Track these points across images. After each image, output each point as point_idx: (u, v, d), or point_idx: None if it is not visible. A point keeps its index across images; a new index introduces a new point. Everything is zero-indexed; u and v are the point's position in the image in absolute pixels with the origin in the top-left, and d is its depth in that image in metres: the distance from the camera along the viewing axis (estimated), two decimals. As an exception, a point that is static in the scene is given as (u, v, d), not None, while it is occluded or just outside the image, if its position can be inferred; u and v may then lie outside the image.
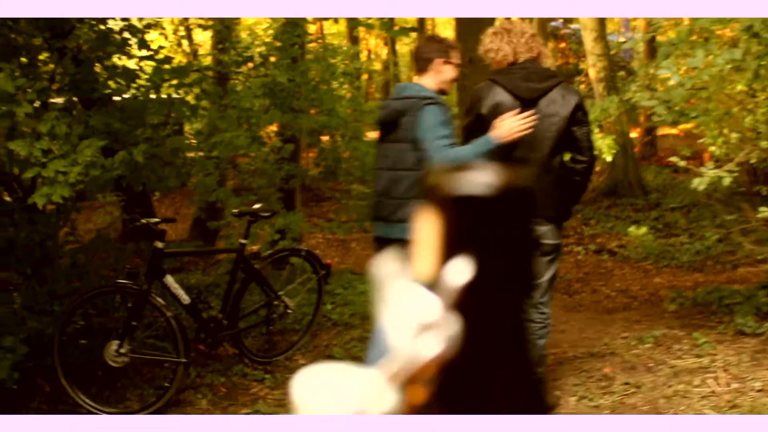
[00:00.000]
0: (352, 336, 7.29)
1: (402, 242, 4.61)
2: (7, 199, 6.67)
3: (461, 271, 1.43)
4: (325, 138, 9.43)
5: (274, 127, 9.75)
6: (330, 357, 6.87)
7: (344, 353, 6.92)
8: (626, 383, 5.94)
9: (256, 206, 6.94)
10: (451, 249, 1.46)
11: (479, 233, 1.45)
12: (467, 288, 1.45)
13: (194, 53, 10.60)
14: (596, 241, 12.34)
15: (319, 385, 1.52)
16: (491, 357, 1.51)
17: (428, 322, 1.39)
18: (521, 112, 5.15)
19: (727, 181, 6.14)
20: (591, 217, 13.74)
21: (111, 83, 6.75)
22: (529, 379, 1.58)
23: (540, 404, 1.59)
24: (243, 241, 6.71)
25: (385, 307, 1.46)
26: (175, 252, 7.10)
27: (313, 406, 1.50)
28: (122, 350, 5.95)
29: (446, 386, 1.47)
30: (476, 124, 5.34)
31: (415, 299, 1.43)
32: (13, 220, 6.42)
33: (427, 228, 1.56)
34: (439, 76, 5.35)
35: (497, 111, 5.21)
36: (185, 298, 6.32)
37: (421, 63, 5.41)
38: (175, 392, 6.00)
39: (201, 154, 7.68)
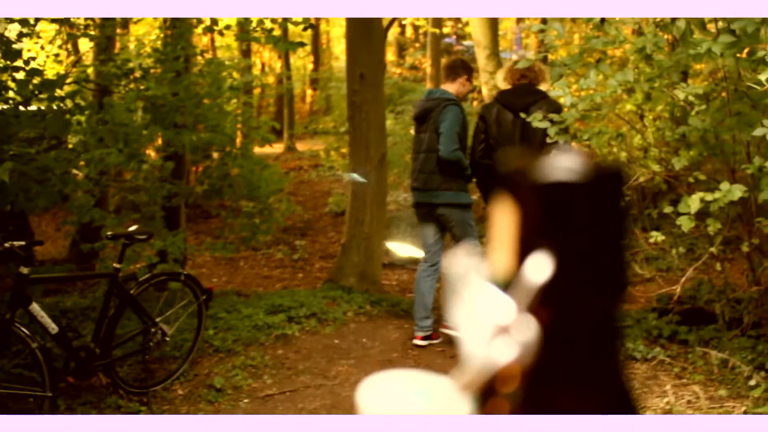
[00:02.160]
0: (234, 363, 6.97)
1: (434, 206, 7.47)
2: None
3: (541, 267, 1.20)
4: (215, 155, 9.12)
5: (158, 143, 9.40)
6: (211, 386, 6.55)
7: (225, 382, 6.61)
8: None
9: (132, 228, 6.57)
10: (530, 243, 1.25)
11: (563, 225, 1.22)
12: (548, 287, 1.21)
13: (74, 64, 10.11)
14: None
15: (385, 395, 1.38)
16: (576, 367, 1.27)
17: (503, 326, 1.19)
18: (514, 119, 7.06)
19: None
20: (482, 234, 13.68)
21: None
22: (619, 395, 1.36)
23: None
24: (117, 265, 6.32)
25: (458, 309, 1.25)
26: (42, 278, 6.66)
27: (378, 413, 1.34)
28: (-19, 384, 5.53)
29: (527, 399, 1.24)
30: (484, 128, 7.32)
31: (488, 300, 1.22)
32: None
33: (503, 220, 1.31)
34: (461, 87, 7.51)
35: (498, 117, 7.22)
36: (53, 327, 5.92)
37: (450, 74, 7.53)
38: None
39: (77, 172, 7.28)
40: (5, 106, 6.51)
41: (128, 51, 8.81)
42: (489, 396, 1.28)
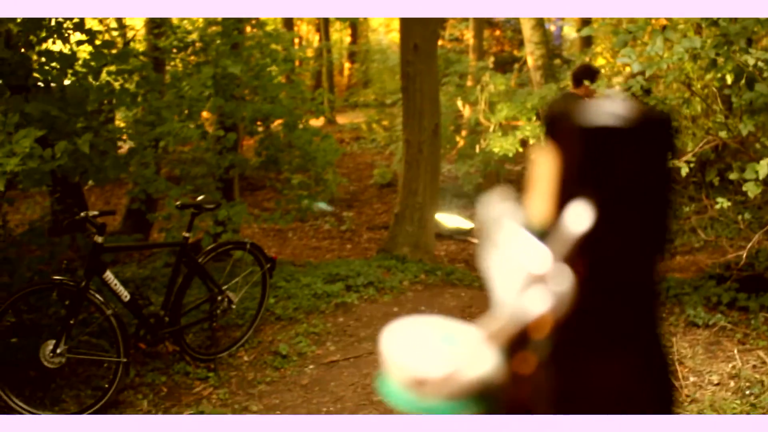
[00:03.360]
0: (297, 331, 7.08)
1: None
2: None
3: (581, 216, 1.20)
4: (272, 126, 9.19)
5: (207, 115, 9.47)
6: (276, 353, 6.66)
7: (290, 349, 6.72)
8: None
9: (200, 198, 6.67)
10: (570, 190, 1.25)
11: (605, 172, 1.21)
12: (588, 238, 1.20)
13: (125, 38, 10.19)
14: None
15: (409, 340, 1.34)
16: (609, 325, 1.26)
17: (537, 275, 1.16)
18: None
19: (684, 171, 6.07)
20: (529, 206, 13.69)
21: (47, 69, 6.40)
22: (657, 362, 1.34)
23: (665, 398, 1.36)
24: (186, 234, 6.44)
25: (491, 255, 1.25)
26: (116, 247, 6.79)
27: (402, 362, 1.30)
28: (59, 350, 5.66)
29: (558, 358, 1.24)
30: None
31: (524, 247, 1.22)
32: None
33: (543, 165, 1.30)
34: (586, 91, 7.71)
35: None
36: (125, 295, 6.05)
37: (574, 81, 8.19)
38: (114, 393, 5.74)
39: (131, 143, 7.35)
40: (76, 80, 6.61)
41: (178, 25, 8.83)
42: (516, 349, 1.23)
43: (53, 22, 6.32)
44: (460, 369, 1.28)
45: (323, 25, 24.46)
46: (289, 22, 23.41)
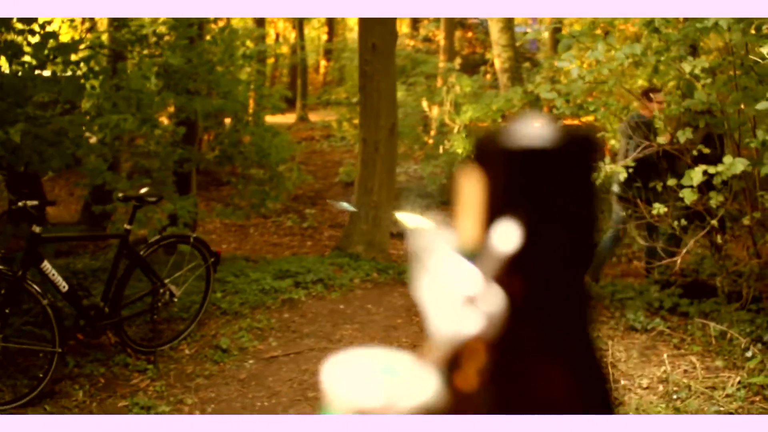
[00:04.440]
0: (240, 326, 7.09)
1: None
2: None
3: (508, 236, 1.22)
4: (227, 121, 9.19)
5: (171, 110, 9.48)
6: (217, 347, 6.67)
7: (231, 343, 6.74)
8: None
9: (142, 191, 6.67)
10: (497, 211, 1.25)
11: (531, 191, 1.22)
12: (516, 257, 1.22)
13: (89, 29, 10.18)
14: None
15: (350, 372, 1.43)
16: (545, 339, 1.28)
17: (469, 296, 1.21)
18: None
19: (623, 176, 6.13)
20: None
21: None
22: (589, 367, 1.36)
23: (602, 405, 1.37)
24: (127, 226, 6.44)
25: (423, 279, 1.22)
26: (54, 237, 6.79)
27: (343, 395, 1.35)
28: (-7, 338, 5.66)
29: (497, 371, 1.25)
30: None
31: (454, 269, 1.24)
32: None
33: (470, 186, 1.32)
34: (649, 106, 7.58)
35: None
36: (63, 285, 6.05)
37: (646, 96, 7.77)
38: (49, 383, 5.74)
39: (90, 136, 7.36)
40: (20, 69, 6.60)
41: (142, 18, 8.83)
42: (456, 369, 1.32)
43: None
44: (400, 398, 1.30)
45: (298, 23, 24.44)
46: (261, 19, 23.38)
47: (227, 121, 9.84)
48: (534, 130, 1.22)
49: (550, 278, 1.16)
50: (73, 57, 6.84)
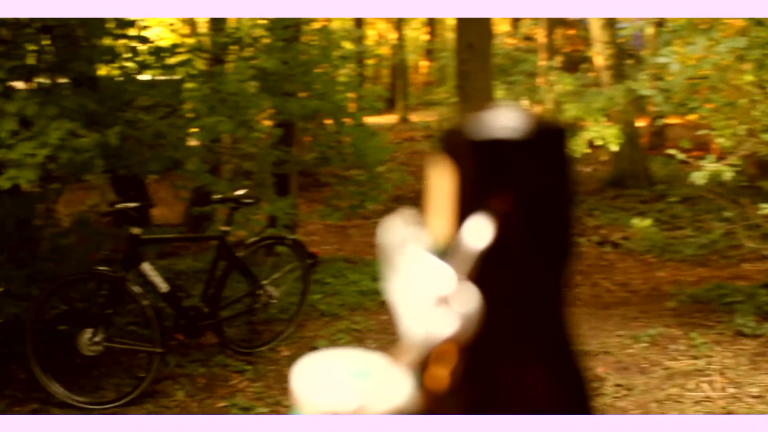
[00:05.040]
0: (339, 327, 7.09)
1: None
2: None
3: (480, 232, 1.16)
4: (327, 122, 9.20)
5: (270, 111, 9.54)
6: (315, 348, 6.67)
7: (329, 345, 6.72)
8: (618, 385, 5.72)
9: (239, 192, 6.71)
10: (469, 205, 1.21)
11: (503, 185, 1.19)
12: (489, 253, 1.17)
13: (190, 34, 10.34)
14: (599, 232, 12.09)
15: (320, 375, 1.36)
16: (519, 338, 1.24)
17: (442, 296, 1.16)
18: None
19: (727, 175, 5.90)
20: (595, 207, 13.50)
21: (101, 63, 6.54)
22: (569, 369, 1.30)
23: (580, 404, 1.31)
24: (225, 228, 6.50)
25: (395, 279, 1.25)
26: (153, 239, 6.88)
27: (314, 398, 1.32)
28: (96, 339, 5.78)
29: (472, 369, 1.22)
30: None
31: (426, 269, 1.19)
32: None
33: (441, 181, 1.26)
34: None
35: None
36: (163, 286, 6.12)
37: None
38: (150, 383, 5.82)
39: (190, 138, 7.44)
40: (119, 74, 6.72)
41: (240, 21, 8.90)
42: (428, 369, 1.22)
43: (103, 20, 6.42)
44: (370, 402, 1.25)
45: (398, 23, 24.43)
46: (359, 20, 23.44)
47: (326, 122, 9.82)
48: (503, 123, 1.16)
49: (525, 275, 1.19)
50: (171, 61, 6.93)
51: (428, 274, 1.20)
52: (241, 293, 6.86)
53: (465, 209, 1.21)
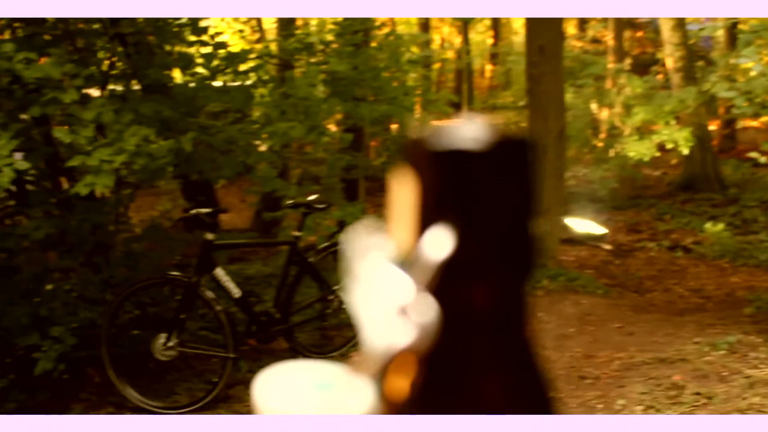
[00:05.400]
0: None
1: None
2: (65, 186, 6.57)
3: (440, 242, 1.14)
4: (394, 127, 9.19)
5: (339, 117, 9.56)
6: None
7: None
8: (697, 393, 5.58)
9: (311, 197, 6.71)
10: (430, 217, 1.15)
11: (462, 197, 1.14)
12: (449, 264, 1.14)
13: (258, 40, 10.40)
14: (670, 237, 11.91)
15: (281, 387, 1.35)
16: (479, 350, 1.17)
17: (400, 306, 1.12)
18: None
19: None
20: (665, 212, 13.32)
21: (160, 69, 6.59)
22: (531, 380, 1.27)
23: (542, 411, 1.28)
24: (296, 233, 6.50)
25: (354, 288, 1.20)
26: (226, 244, 6.92)
27: (276, 409, 1.31)
28: (170, 344, 5.82)
29: (431, 381, 1.16)
30: None
31: (386, 278, 1.16)
32: (67, 208, 6.30)
33: (402, 192, 1.24)
34: None
35: None
36: (236, 292, 6.14)
37: None
38: (223, 387, 5.84)
39: (260, 143, 7.47)
40: (192, 80, 6.78)
41: (308, 26, 8.95)
42: (388, 381, 1.16)
43: (173, 24, 6.47)
44: (335, 408, 1.23)
45: (463, 27, 24.33)
46: (425, 25, 23.41)
47: (393, 127, 9.83)
48: (466, 134, 1.09)
49: (484, 287, 1.12)
50: (243, 67, 6.96)
51: (387, 283, 1.16)
52: (313, 298, 6.86)
53: (426, 220, 1.16)
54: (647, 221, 12.77)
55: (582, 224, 11.91)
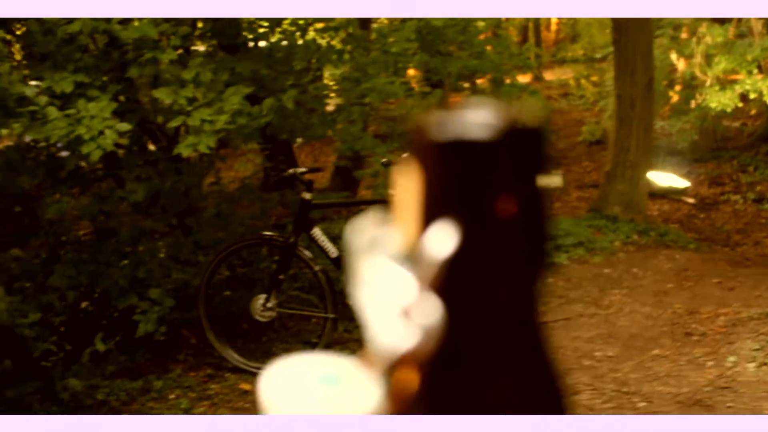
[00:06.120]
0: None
1: None
2: (152, 148, 6.54)
3: (444, 240, 1.06)
4: (479, 82, 9.01)
5: (414, 72, 9.43)
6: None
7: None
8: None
9: (406, 156, 6.59)
10: (434, 210, 1.11)
11: (471, 189, 1.08)
12: (455, 261, 1.06)
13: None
14: (755, 189, 11.61)
15: (288, 383, 1.32)
16: (488, 351, 1.14)
17: (403, 307, 1.11)
18: None
19: None
20: (748, 163, 12.99)
21: (255, 28, 6.51)
22: (541, 381, 1.22)
23: (552, 411, 1.23)
24: (391, 192, 6.40)
25: (360, 287, 1.21)
26: (323, 203, 6.86)
27: (282, 406, 1.29)
28: (269, 305, 5.78)
29: (439, 378, 1.14)
30: None
31: (389, 278, 1.14)
32: (157, 170, 6.28)
33: (407, 184, 1.18)
34: None
35: None
36: (333, 251, 6.06)
37: None
38: (322, 348, 5.79)
39: (338, 101, 7.35)
40: (284, 38, 6.70)
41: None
42: (396, 377, 1.17)
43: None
44: (342, 405, 1.22)
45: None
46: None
47: (479, 82, 9.65)
48: (473, 122, 1.04)
49: (492, 287, 1.08)
50: (334, 23, 6.88)
51: (390, 284, 1.14)
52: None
53: (430, 214, 1.11)
54: (729, 173, 12.48)
55: (664, 177, 11.67)
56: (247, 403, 5.20)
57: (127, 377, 5.61)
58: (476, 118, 1.09)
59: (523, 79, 20.76)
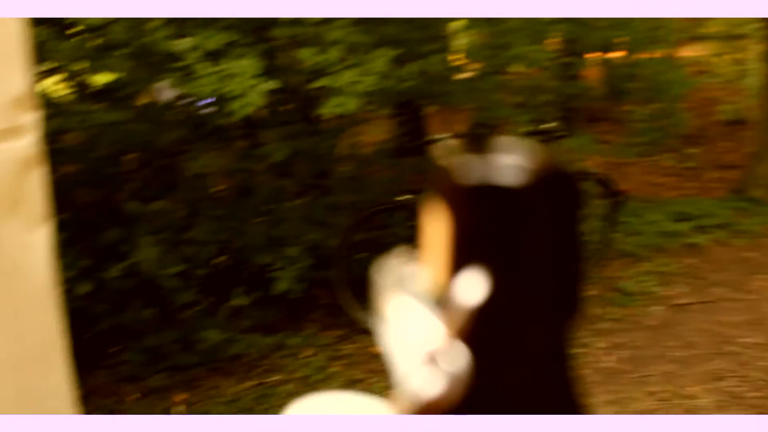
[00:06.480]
0: (643, 269, 6.78)
1: None
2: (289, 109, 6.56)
3: (474, 286, 1.02)
4: (614, 55, 8.80)
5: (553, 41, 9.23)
6: (619, 290, 6.36)
7: (635, 287, 6.41)
8: None
9: (549, 125, 6.44)
10: (463, 255, 1.06)
11: (501, 234, 1.03)
12: (484, 309, 1.03)
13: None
14: None
15: (313, 419, 1.32)
16: (518, 399, 1.09)
17: (430, 354, 1.08)
18: None
19: None
20: None
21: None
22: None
23: None
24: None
25: (387, 328, 1.23)
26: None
27: None
28: (405, 269, 5.73)
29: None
30: None
31: (417, 323, 1.14)
32: (296, 131, 6.29)
33: (435, 226, 1.13)
34: None
35: None
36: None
37: None
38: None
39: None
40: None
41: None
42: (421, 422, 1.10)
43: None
44: None
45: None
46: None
47: (616, 55, 9.40)
48: (504, 165, 1.02)
49: (522, 335, 1.07)
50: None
51: (417, 328, 1.14)
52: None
53: (459, 258, 1.08)
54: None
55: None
56: (380, 365, 5.19)
57: (261, 332, 5.67)
58: (506, 161, 1.05)
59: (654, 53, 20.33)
